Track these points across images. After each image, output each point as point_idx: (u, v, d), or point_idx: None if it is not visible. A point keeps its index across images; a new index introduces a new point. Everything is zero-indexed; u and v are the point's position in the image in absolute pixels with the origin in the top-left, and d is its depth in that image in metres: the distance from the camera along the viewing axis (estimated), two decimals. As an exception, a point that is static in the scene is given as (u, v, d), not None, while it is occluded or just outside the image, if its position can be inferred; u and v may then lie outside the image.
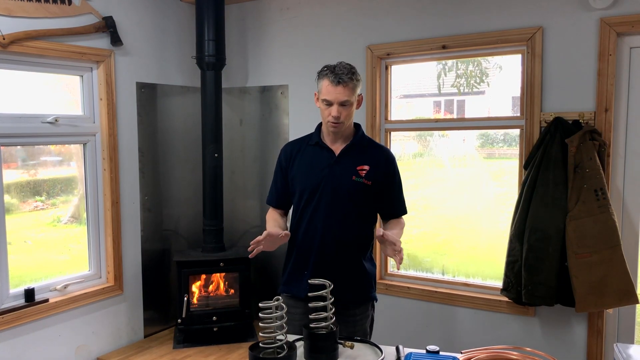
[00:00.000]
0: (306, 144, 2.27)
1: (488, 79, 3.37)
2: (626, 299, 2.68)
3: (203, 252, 3.77)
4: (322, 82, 2.12)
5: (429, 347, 1.72)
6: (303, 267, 2.21)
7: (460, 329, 3.30)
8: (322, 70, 2.14)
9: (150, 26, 3.70)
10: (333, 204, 2.16)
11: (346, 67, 2.11)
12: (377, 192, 2.20)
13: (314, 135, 2.26)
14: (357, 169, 2.17)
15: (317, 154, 2.22)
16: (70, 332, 3.27)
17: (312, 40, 3.73)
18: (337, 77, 2.07)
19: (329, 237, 2.17)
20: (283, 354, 1.70)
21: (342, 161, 2.18)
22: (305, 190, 2.20)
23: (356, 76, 2.12)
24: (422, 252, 3.60)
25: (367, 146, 2.24)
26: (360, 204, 2.18)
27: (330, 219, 2.16)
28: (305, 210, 2.20)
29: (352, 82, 2.09)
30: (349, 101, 2.10)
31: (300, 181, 2.22)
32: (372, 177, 2.17)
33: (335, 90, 2.07)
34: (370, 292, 2.27)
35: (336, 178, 2.16)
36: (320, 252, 2.18)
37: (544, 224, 2.77)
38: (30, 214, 3.23)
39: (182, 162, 4.01)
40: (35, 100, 3.16)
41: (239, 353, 3.49)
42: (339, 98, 2.08)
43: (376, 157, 2.22)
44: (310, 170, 2.21)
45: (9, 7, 2.88)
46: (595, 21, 2.80)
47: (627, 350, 1.62)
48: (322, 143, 2.22)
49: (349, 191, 2.16)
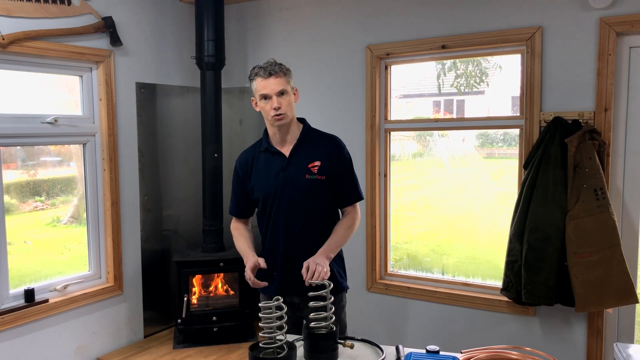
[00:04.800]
0: (258, 151, 2.31)
1: (488, 78, 3.37)
2: (626, 299, 2.68)
3: (203, 252, 3.77)
4: (255, 82, 2.19)
5: (429, 347, 1.72)
6: (272, 269, 2.25)
7: (460, 328, 3.30)
8: (251, 71, 2.21)
9: (150, 26, 3.70)
10: (292, 206, 2.21)
11: (273, 61, 2.19)
12: (333, 184, 2.24)
13: (263, 140, 2.30)
14: (309, 167, 2.21)
15: (269, 159, 2.27)
16: (70, 333, 3.27)
17: (311, 40, 3.72)
18: (266, 70, 2.15)
19: (292, 237, 2.23)
20: (283, 354, 1.70)
21: (293, 162, 2.23)
22: (266, 197, 2.25)
23: (284, 67, 2.18)
24: (422, 252, 3.60)
25: (316, 140, 2.28)
26: (319, 201, 2.23)
27: (292, 221, 2.22)
28: (268, 215, 2.26)
29: (283, 72, 2.16)
30: (285, 90, 2.16)
31: (259, 189, 2.28)
32: (325, 170, 2.21)
33: (268, 82, 2.14)
34: (341, 283, 2.31)
35: (291, 180, 2.21)
36: (286, 253, 2.24)
37: (543, 223, 2.77)
38: (30, 214, 3.23)
39: (182, 162, 4.01)
40: (35, 101, 3.16)
41: (239, 353, 3.49)
42: (274, 89, 2.14)
43: (326, 149, 2.26)
44: (266, 177, 2.26)
45: (8, 7, 2.88)
46: (595, 21, 2.80)
47: (626, 349, 1.62)
48: (271, 148, 2.26)
49: (305, 190, 2.20)
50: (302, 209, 2.22)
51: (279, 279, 2.25)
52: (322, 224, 2.26)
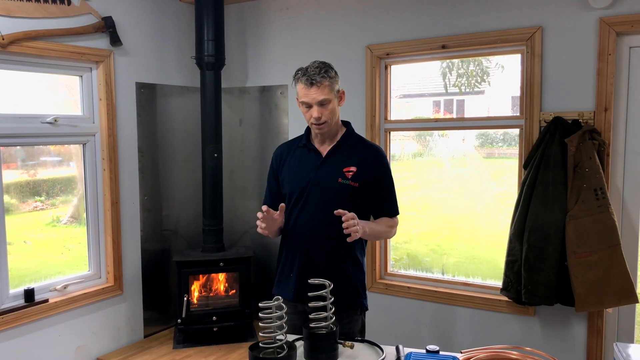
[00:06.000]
0: (296, 146, 2.27)
1: (489, 78, 3.37)
2: (626, 299, 2.68)
3: (203, 252, 3.77)
4: (298, 86, 2.11)
5: (429, 347, 1.72)
6: (290, 269, 2.22)
7: (460, 328, 3.30)
8: (295, 74, 2.13)
9: (150, 26, 3.70)
10: (319, 207, 2.15)
11: (318, 66, 2.08)
12: (365, 193, 2.17)
13: (304, 136, 2.26)
14: (344, 171, 2.15)
15: (304, 156, 2.22)
16: (70, 333, 3.27)
17: (311, 40, 3.72)
18: (309, 78, 2.06)
19: (314, 241, 2.16)
20: (283, 354, 1.70)
21: (329, 163, 2.17)
22: (293, 193, 2.20)
23: (329, 73, 2.08)
24: (422, 252, 3.60)
25: (356, 145, 2.21)
26: (346, 207, 2.07)
27: (316, 222, 2.15)
28: (293, 212, 2.21)
29: (326, 80, 2.06)
30: (327, 99, 2.08)
31: (289, 183, 2.23)
32: (359, 178, 2.14)
33: (310, 91, 2.06)
34: (358, 299, 2.22)
35: (322, 180, 2.15)
36: (306, 254, 2.18)
37: (543, 223, 2.77)
38: (29, 214, 3.23)
39: (182, 162, 4.01)
40: (35, 101, 3.16)
41: (239, 353, 3.49)
42: (315, 99, 2.06)
43: (364, 157, 2.18)
44: (298, 173, 2.21)
45: (8, 7, 2.88)
46: (595, 21, 2.80)
47: (626, 349, 1.62)
48: (309, 145, 2.22)
49: (334, 193, 2.13)
50: (328, 212, 2.09)
51: (295, 282, 2.18)
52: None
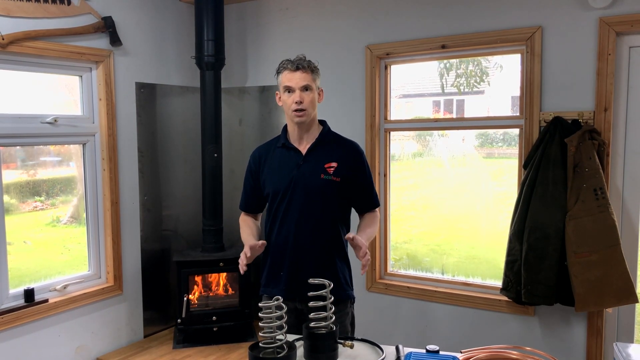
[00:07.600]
0: (274, 146, 2.29)
1: (488, 78, 3.37)
2: (625, 299, 2.68)
3: (202, 252, 3.77)
4: (282, 74, 2.17)
5: (429, 347, 1.72)
6: (279, 268, 2.23)
7: (460, 328, 3.30)
8: (279, 66, 2.19)
9: (150, 26, 3.70)
10: (304, 204, 2.17)
11: (302, 57, 2.17)
12: (347, 187, 2.21)
13: (281, 137, 2.28)
14: (325, 167, 2.18)
15: (284, 155, 2.24)
16: (69, 333, 3.27)
17: (311, 40, 3.72)
18: (294, 63, 2.13)
19: (302, 237, 2.18)
20: (283, 354, 1.70)
21: (310, 160, 2.20)
22: (277, 193, 2.21)
23: (313, 65, 2.17)
24: (421, 252, 3.60)
25: (334, 142, 2.25)
26: (331, 202, 2.19)
27: (302, 219, 2.18)
28: (278, 212, 2.22)
29: (310, 69, 2.14)
30: (310, 86, 2.14)
31: (271, 184, 2.24)
32: (341, 173, 2.18)
33: (294, 75, 2.12)
34: (347, 291, 2.27)
35: (305, 178, 2.18)
36: (294, 252, 2.19)
37: (543, 223, 2.77)
38: (29, 214, 3.23)
39: (182, 162, 4.01)
40: (35, 101, 3.16)
41: (239, 353, 3.49)
42: (299, 83, 2.12)
43: (344, 152, 2.23)
44: (279, 172, 2.22)
45: (8, 7, 2.88)
46: (595, 21, 2.80)
47: (626, 349, 1.62)
48: (288, 144, 2.24)
49: (318, 190, 2.17)
50: (314, 208, 2.17)
51: (285, 280, 2.21)
52: (331, 226, 2.22)
